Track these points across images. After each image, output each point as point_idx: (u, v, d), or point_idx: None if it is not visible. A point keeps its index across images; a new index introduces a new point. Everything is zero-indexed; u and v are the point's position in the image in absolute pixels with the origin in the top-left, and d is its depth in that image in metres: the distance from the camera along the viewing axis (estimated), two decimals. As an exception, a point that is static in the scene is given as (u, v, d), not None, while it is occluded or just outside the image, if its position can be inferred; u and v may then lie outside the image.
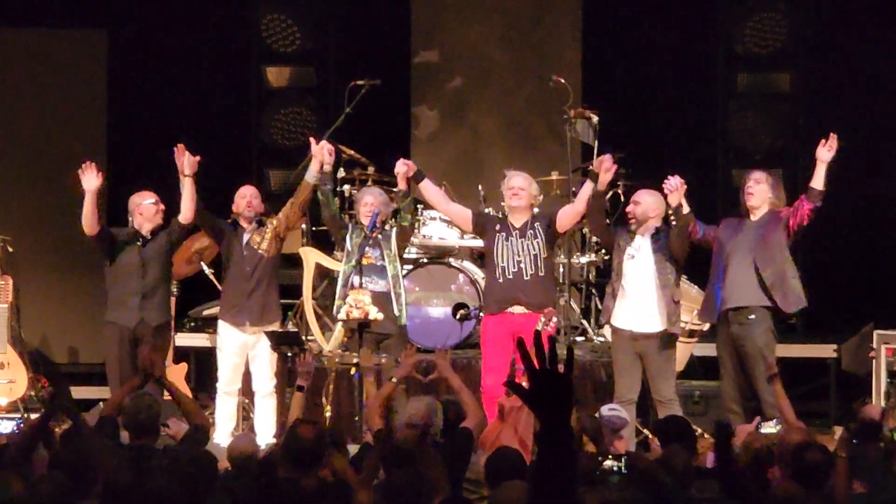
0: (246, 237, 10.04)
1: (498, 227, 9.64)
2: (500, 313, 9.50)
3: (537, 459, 3.61)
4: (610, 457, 7.02)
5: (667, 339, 9.49)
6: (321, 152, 9.91)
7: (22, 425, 8.19)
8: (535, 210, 9.82)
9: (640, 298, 9.50)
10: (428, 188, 9.84)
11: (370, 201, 9.86)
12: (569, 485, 3.58)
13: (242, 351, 10.02)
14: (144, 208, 10.02)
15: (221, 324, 10.07)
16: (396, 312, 9.70)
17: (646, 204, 9.62)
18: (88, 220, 9.82)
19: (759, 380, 9.31)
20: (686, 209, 9.50)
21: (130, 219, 10.14)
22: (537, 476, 3.59)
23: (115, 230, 10.08)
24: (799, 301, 9.59)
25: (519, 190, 9.61)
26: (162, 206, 10.08)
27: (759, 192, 9.64)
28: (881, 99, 12.26)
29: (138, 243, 9.98)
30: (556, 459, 3.59)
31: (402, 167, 9.72)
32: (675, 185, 9.39)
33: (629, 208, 9.72)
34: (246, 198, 10.10)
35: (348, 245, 9.86)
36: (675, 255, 9.52)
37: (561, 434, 3.59)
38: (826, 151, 9.46)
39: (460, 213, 9.91)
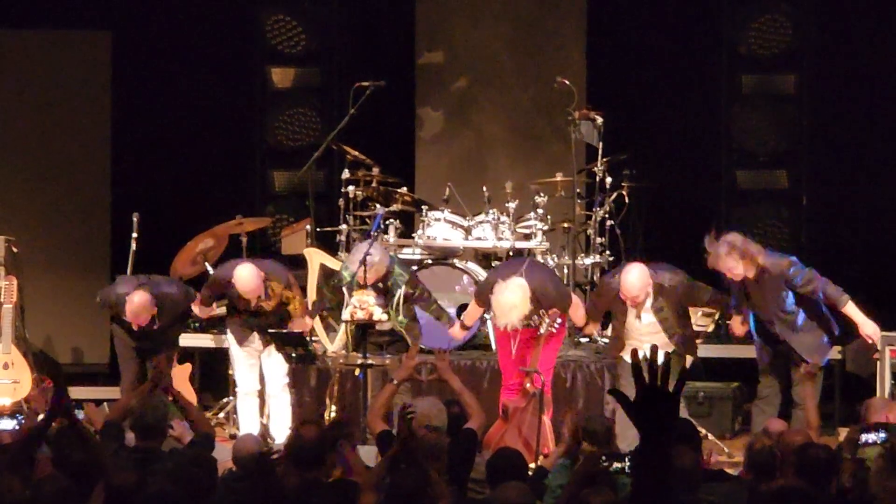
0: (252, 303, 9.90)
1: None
2: None
3: (634, 475, 3.71)
4: (615, 457, 7.02)
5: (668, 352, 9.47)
6: None
7: (22, 425, 8.17)
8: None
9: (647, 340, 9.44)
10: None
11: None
12: (665, 498, 3.66)
13: (255, 354, 10.04)
14: (129, 315, 9.86)
15: (231, 336, 10.09)
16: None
17: (637, 290, 9.31)
18: None
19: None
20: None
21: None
22: (634, 490, 3.70)
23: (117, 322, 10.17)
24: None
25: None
26: (148, 315, 9.87)
27: (738, 273, 9.37)
28: (885, 100, 12.25)
29: (132, 344, 10.10)
30: (651, 474, 3.67)
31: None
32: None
33: (622, 296, 9.39)
34: (251, 299, 9.76)
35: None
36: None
37: (659, 450, 3.67)
38: None
39: (474, 317, 9.89)
